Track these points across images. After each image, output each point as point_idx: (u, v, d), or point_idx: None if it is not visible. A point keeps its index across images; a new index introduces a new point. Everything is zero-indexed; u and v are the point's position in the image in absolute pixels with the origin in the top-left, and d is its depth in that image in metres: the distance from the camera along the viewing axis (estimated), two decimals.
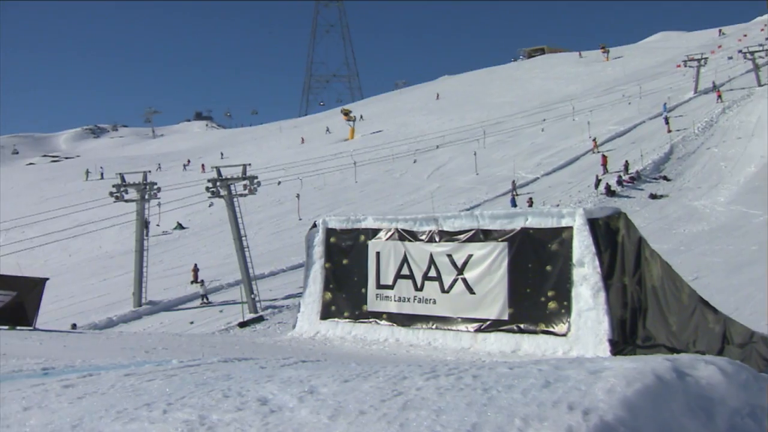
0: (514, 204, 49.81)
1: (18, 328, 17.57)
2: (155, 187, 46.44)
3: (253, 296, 37.84)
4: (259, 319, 34.86)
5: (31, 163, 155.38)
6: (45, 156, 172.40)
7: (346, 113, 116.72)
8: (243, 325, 33.92)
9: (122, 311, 39.64)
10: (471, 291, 13.94)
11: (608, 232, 12.31)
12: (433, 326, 14.53)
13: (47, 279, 19.73)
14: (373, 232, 16.02)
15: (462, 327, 14.05)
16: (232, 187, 41.67)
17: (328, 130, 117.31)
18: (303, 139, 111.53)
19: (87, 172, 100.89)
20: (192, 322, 36.55)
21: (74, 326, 34.48)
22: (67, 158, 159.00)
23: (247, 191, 41.48)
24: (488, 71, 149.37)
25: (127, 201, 46.04)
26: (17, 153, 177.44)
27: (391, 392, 4.11)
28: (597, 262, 11.95)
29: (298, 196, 57.61)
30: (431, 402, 3.82)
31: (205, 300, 40.14)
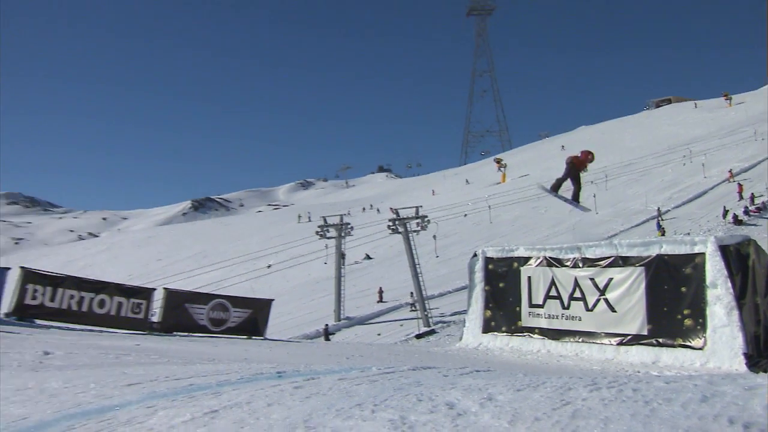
0: (659, 227, 47.69)
1: (253, 337, 18.26)
2: (349, 226, 48.01)
3: (426, 313, 37.85)
4: (431, 332, 34.73)
5: (259, 211, 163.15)
6: (269, 205, 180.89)
7: (498, 161, 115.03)
8: (419, 336, 33.90)
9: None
10: (612, 309, 13.29)
11: (739, 257, 11.37)
12: (580, 340, 13.92)
13: (272, 300, 20.44)
14: (524, 260, 15.63)
15: (605, 341, 13.35)
16: (408, 225, 42.28)
17: (467, 181, 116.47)
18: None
19: (299, 217, 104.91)
20: (379, 334, 36.90)
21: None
22: (284, 206, 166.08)
23: (419, 228, 42.06)
24: (620, 120, 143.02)
25: (328, 238, 47.76)
26: (242, 205, 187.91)
27: (559, 401, 3.89)
28: (729, 284, 11.07)
29: (434, 237, 57.10)
30: (597, 412, 3.59)
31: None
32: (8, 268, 15.04)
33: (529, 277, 15.40)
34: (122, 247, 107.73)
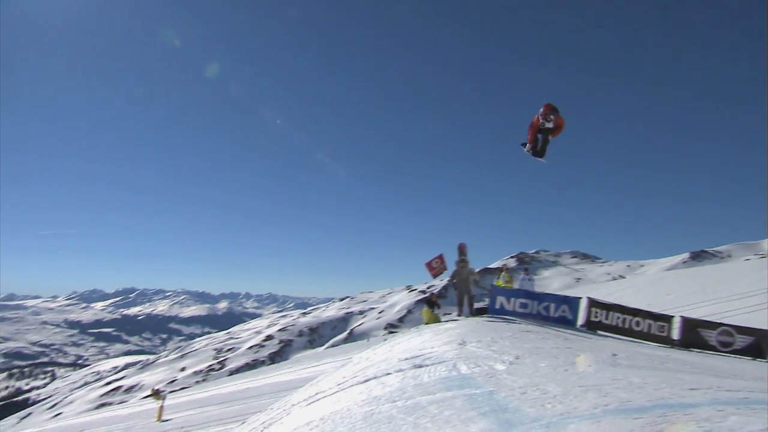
0: None
1: (757, 359, 14.57)
2: None
3: None
4: None
5: (746, 259, 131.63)
6: (756, 254, 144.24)
7: None
8: None
9: None
10: None
11: None
12: None
13: None
14: None
15: None
16: None
17: None
18: None
19: None
20: None
21: None
22: None
23: None
24: None
25: None
26: (730, 256, 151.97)
27: None
28: None
29: None
30: None
31: None
32: (579, 297, 15.32)
33: None
34: (641, 285, 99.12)
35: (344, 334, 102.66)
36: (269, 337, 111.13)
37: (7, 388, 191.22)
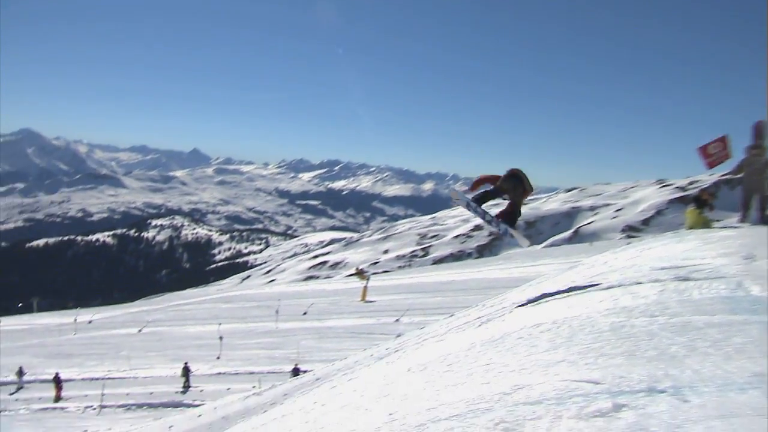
0: None
1: None
2: None
3: None
4: None
5: None
6: None
7: None
8: None
9: None
10: None
11: None
12: None
13: None
14: None
15: None
16: None
17: None
18: None
19: None
20: None
21: None
22: None
23: None
24: None
25: None
26: None
27: None
28: None
29: None
30: None
31: None
32: None
33: None
34: None
35: (568, 233, 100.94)
36: (477, 227, 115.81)
37: (229, 249, 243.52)
